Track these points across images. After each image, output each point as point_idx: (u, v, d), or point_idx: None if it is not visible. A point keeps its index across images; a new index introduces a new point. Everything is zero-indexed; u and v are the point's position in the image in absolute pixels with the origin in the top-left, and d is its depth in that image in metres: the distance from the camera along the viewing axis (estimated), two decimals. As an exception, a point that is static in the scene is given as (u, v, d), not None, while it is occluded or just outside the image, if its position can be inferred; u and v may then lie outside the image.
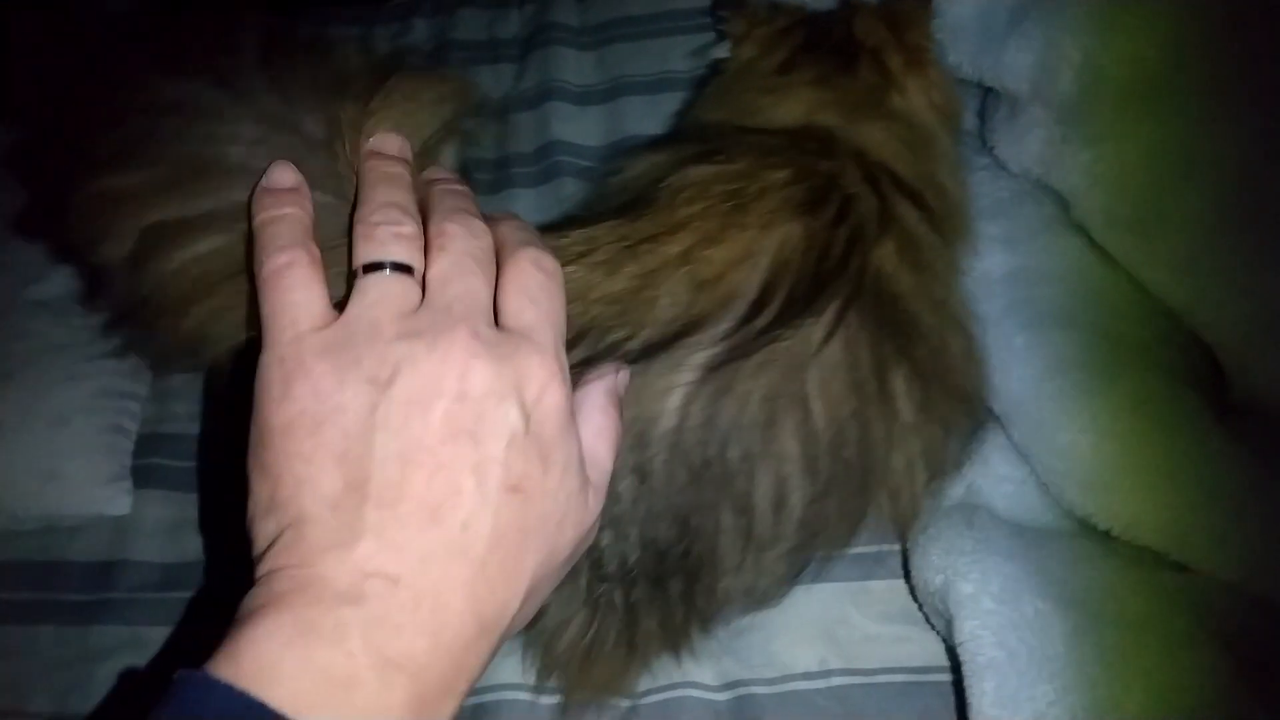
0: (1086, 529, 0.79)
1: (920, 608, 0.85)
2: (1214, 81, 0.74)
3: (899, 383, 0.69)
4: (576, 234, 0.67)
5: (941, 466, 0.76)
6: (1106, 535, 0.77)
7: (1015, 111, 0.90)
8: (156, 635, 0.99)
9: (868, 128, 0.78)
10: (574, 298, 0.61)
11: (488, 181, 1.35)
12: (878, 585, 0.91)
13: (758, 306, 0.63)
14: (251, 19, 0.67)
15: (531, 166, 1.36)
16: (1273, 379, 0.75)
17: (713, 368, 0.62)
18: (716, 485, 0.64)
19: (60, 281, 1.19)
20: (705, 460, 0.63)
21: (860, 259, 0.68)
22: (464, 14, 1.61)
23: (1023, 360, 0.81)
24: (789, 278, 0.65)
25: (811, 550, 0.74)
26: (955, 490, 0.84)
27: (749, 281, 0.64)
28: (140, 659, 0.97)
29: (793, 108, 0.81)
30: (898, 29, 0.85)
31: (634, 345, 0.62)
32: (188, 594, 1.01)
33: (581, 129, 1.39)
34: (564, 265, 0.51)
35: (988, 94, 1.01)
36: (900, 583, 0.90)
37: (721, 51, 0.96)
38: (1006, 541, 0.74)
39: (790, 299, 0.64)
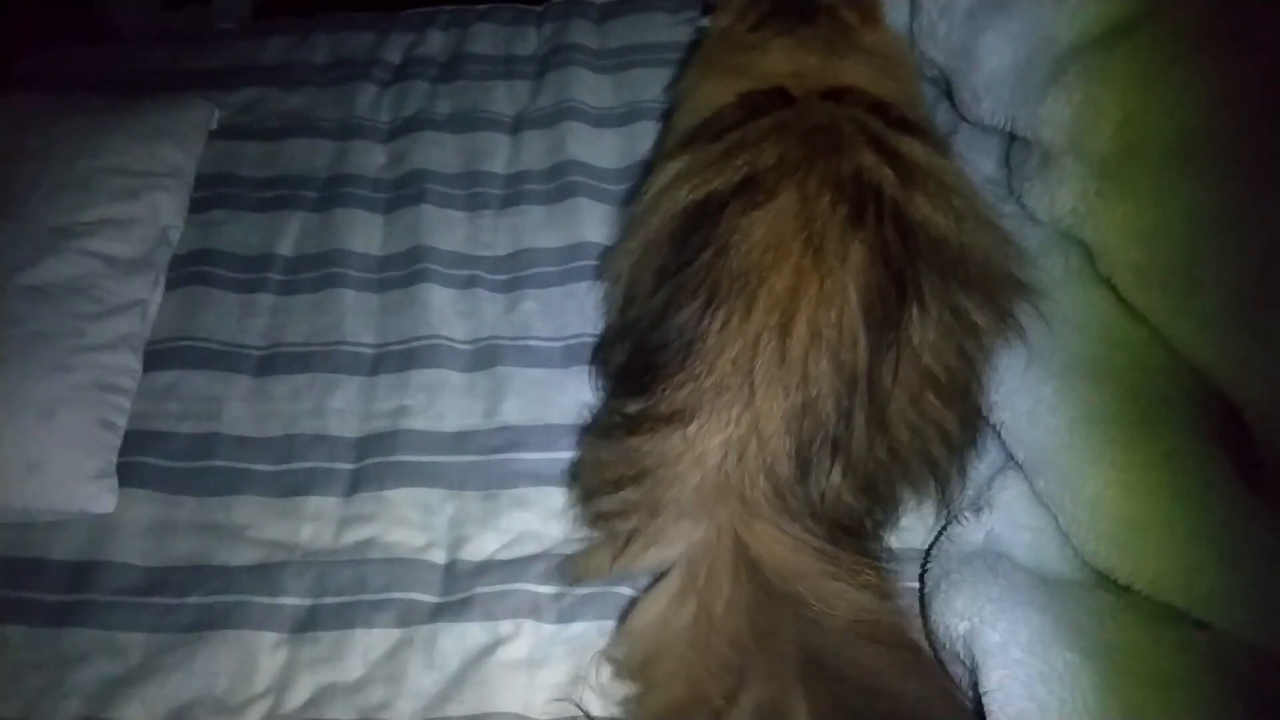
0: (1105, 582, 0.78)
1: (934, 651, 0.84)
2: (1252, 146, 0.75)
3: (966, 302, 0.81)
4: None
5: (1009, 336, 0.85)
6: (1126, 589, 0.76)
7: (1048, 162, 0.91)
8: (134, 641, 0.95)
9: (848, 63, 0.94)
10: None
11: (499, 196, 1.34)
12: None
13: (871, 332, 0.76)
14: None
15: (545, 184, 1.35)
16: (1301, 441, 0.75)
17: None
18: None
19: (55, 267, 1.15)
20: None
21: (909, 238, 0.78)
22: (481, 28, 1.60)
23: (1051, 410, 0.81)
24: (877, 297, 0.76)
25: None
26: (975, 536, 0.84)
27: (856, 327, 0.76)
28: (116, 666, 0.93)
29: (775, 58, 0.96)
30: None
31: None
32: (171, 600, 0.97)
33: (597, 150, 1.38)
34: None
35: (1013, 142, 1.02)
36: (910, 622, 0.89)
37: (705, 21, 1.07)
38: (1032, 591, 0.74)
39: (885, 311, 0.76)
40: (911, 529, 0.91)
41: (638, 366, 0.84)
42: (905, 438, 0.80)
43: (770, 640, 0.74)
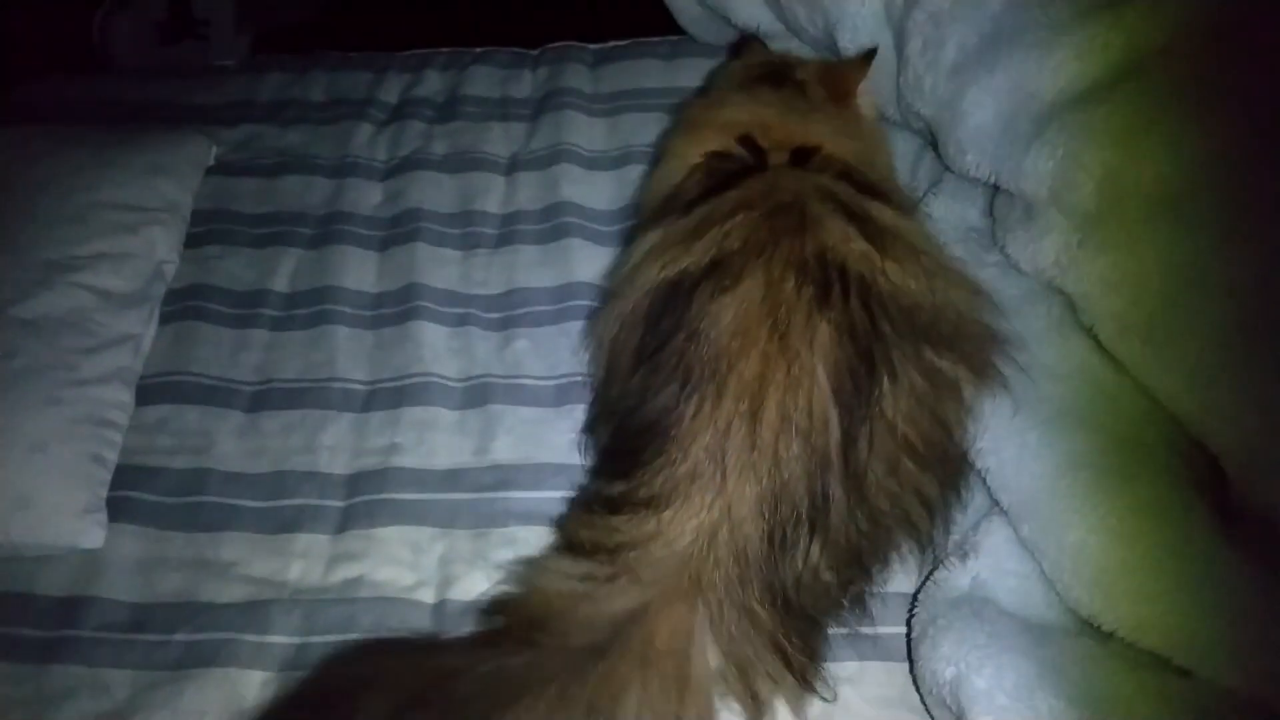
0: (1089, 628, 0.79)
1: (921, 696, 0.84)
2: (1232, 199, 0.77)
3: (941, 362, 0.83)
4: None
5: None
6: (1109, 636, 0.77)
7: (1031, 215, 0.93)
8: (118, 679, 0.94)
9: (812, 120, 0.98)
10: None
11: (493, 236, 1.36)
12: (874, 667, 0.90)
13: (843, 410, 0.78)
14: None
15: (538, 224, 1.36)
16: (1278, 488, 0.77)
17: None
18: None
19: (49, 301, 1.16)
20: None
21: (877, 312, 0.80)
22: (477, 70, 1.63)
23: (1035, 456, 0.83)
24: (846, 375, 0.77)
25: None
26: (961, 581, 0.85)
27: (827, 407, 0.78)
28: (102, 704, 0.92)
29: (736, 109, 1.03)
30: (829, 73, 1.08)
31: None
32: (157, 637, 0.96)
33: (590, 192, 1.40)
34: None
35: (996, 194, 1.05)
36: (897, 666, 0.90)
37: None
38: (1018, 637, 0.75)
39: (855, 388, 0.78)
40: (898, 573, 0.92)
41: (621, 449, 0.86)
42: (885, 506, 0.81)
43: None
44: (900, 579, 0.92)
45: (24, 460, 1.03)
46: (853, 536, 0.80)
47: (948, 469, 0.87)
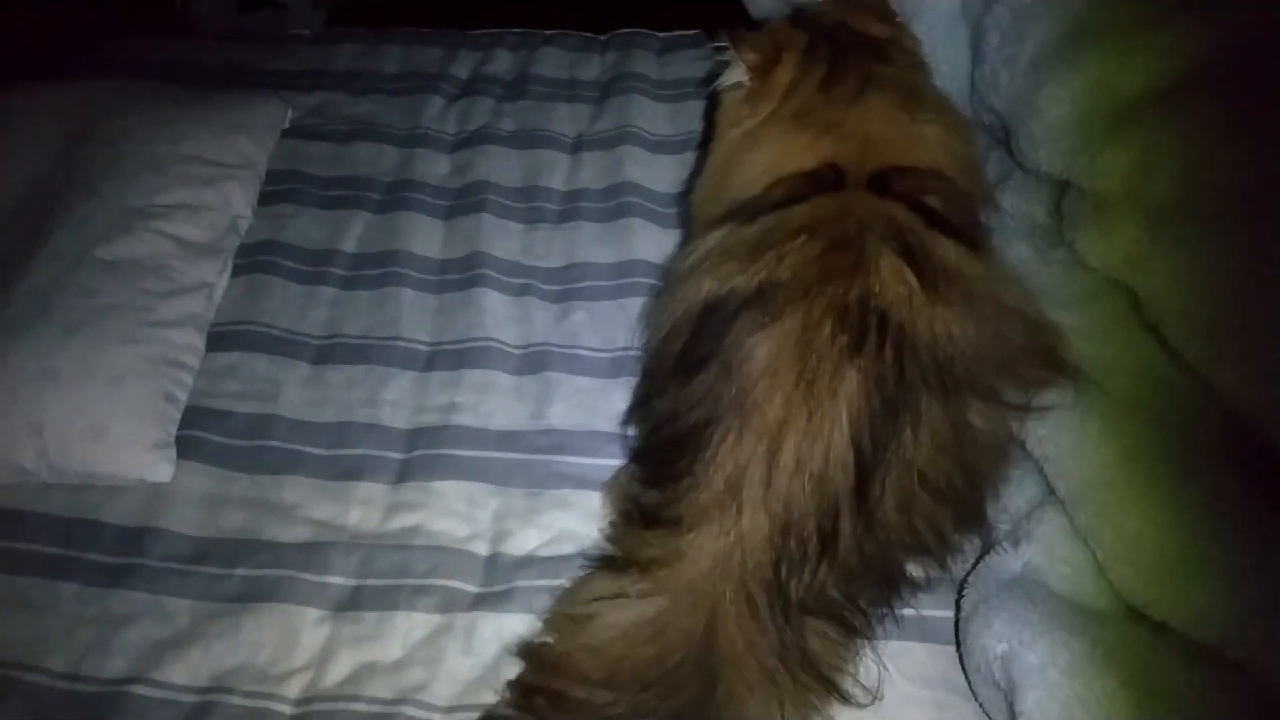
0: (1141, 618, 0.80)
1: (966, 676, 0.85)
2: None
3: (972, 411, 0.83)
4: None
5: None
6: (1161, 626, 0.78)
7: (1102, 210, 0.93)
8: (180, 607, 0.97)
9: (918, 125, 0.93)
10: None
11: (556, 211, 1.38)
12: (918, 648, 0.91)
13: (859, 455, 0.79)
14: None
15: (601, 203, 1.39)
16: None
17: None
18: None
19: (130, 245, 1.20)
20: None
21: (909, 363, 0.80)
22: (547, 51, 1.66)
23: (1095, 446, 0.83)
24: (867, 424, 0.78)
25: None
26: (1013, 566, 0.85)
27: (845, 454, 0.79)
28: (163, 629, 0.96)
29: (852, 126, 0.92)
30: (885, 15, 1.02)
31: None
32: (219, 570, 1.00)
33: (652, 174, 1.43)
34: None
35: (1066, 190, 1.06)
36: (942, 649, 0.91)
37: (734, 76, 1.00)
38: (1070, 618, 0.75)
39: (875, 436, 0.79)
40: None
41: (655, 455, 0.90)
42: (897, 537, 0.83)
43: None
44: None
45: (102, 393, 1.06)
46: (861, 561, 0.82)
47: (967, 505, 0.89)
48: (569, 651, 0.84)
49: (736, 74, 1.00)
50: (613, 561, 0.89)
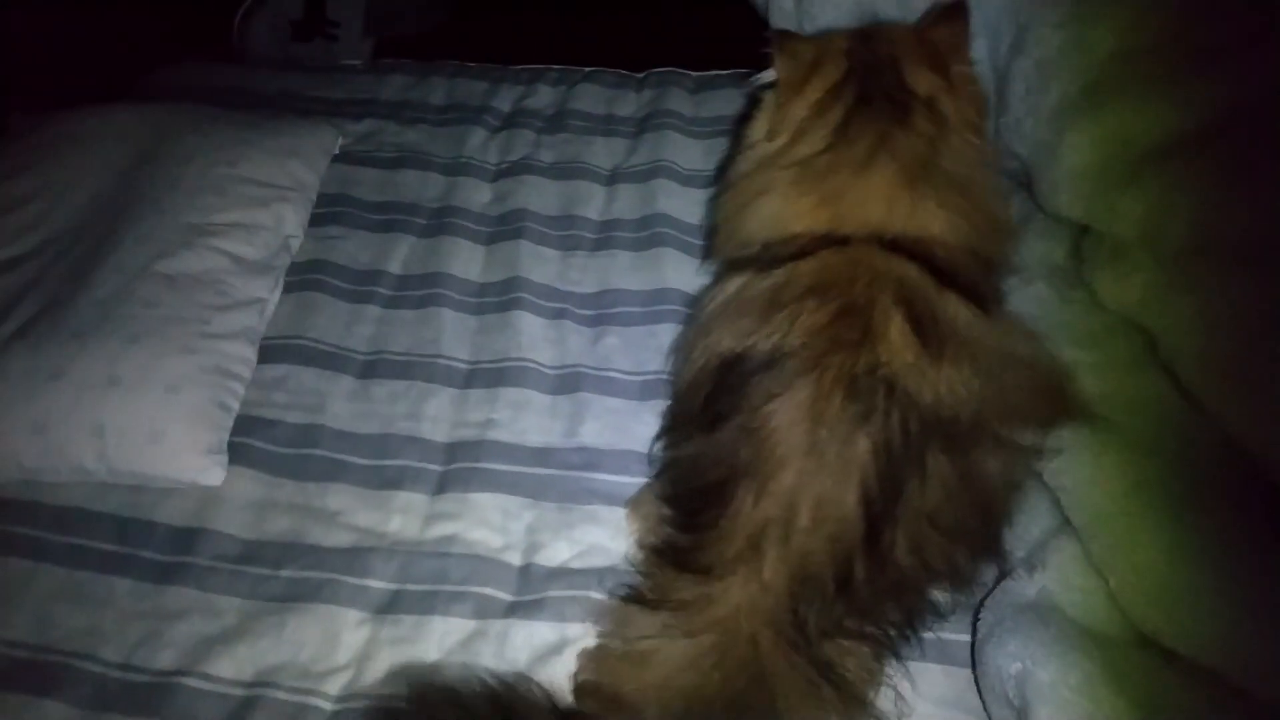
0: (1152, 646, 0.83)
1: (981, 697, 0.88)
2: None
3: (979, 462, 0.87)
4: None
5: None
6: (1172, 654, 0.81)
7: (1120, 254, 0.98)
8: (228, 605, 1.02)
9: (931, 190, 0.92)
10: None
11: (591, 240, 1.44)
12: (935, 670, 0.95)
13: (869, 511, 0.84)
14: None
15: (634, 233, 1.44)
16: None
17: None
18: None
19: (189, 260, 1.26)
20: None
21: (915, 426, 0.84)
22: (586, 88, 1.73)
23: (1110, 478, 0.87)
24: (875, 484, 0.83)
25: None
26: (1028, 591, 0.89)
27: (856, 514, 0.84)
28: (212, 625, 1.00)
29: (858, 197, 0.92)
30: (940, 65, 0.97)
31: None
32: (266, 571, 1.05)
33: (685, 206, 1.48)
34: None
35: (1085, 233, 1.10)
36: (958, 670, 0.94)
37: (768, 76, 1.04)
38: (1083, 640, 0.78)
39: (884, 493, 0.83)
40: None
41: (684, 506, 0.95)
42: (911, 575, 0.88)
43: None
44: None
45: (160, 399, 1.12)
46: (873, 597, 0.87)
47: (980, 539, 0.93)
48: (639, 689, 0.88)
49: (770, 74, 1.05)
50: (644, 600, 0.94)
